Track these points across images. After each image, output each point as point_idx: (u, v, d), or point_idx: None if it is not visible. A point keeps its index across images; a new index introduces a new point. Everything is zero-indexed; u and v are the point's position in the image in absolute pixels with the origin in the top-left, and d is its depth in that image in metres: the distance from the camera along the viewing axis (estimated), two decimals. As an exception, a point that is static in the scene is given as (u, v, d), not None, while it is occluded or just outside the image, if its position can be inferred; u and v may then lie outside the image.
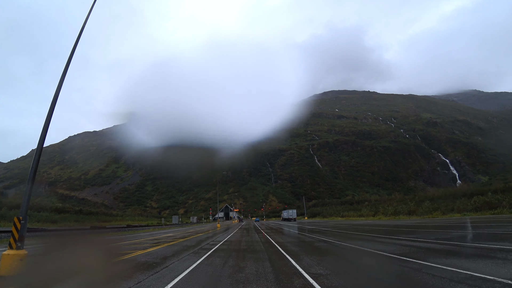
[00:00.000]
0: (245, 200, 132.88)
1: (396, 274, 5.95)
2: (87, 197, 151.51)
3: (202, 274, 6.40)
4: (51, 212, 50.57)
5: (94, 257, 7.08)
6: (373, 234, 17.33)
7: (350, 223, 35.23)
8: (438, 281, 4.94)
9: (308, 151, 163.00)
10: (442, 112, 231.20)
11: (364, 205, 69.71)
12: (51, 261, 6.70)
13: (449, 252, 8.41)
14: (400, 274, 5.89)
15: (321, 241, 14.32)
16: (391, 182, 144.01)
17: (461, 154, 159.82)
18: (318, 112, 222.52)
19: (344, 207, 74.48)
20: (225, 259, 8.60)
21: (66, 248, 7.57)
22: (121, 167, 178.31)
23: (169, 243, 14.84)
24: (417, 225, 23.01)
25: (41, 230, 23.54)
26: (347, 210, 63.33)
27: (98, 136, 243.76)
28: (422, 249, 9.14)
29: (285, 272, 6.36)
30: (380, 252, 8.89)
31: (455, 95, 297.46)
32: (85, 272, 6.01)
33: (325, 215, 68.69)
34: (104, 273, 6.47)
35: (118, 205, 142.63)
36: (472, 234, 13.60)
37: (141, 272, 6.49)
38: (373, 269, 6.85)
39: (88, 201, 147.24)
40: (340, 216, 60.19)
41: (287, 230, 26.33)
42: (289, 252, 9.91)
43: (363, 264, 7.50)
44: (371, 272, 6.59)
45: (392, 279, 5.73)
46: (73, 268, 5.95)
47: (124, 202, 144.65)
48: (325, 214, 69.88)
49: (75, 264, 6.15)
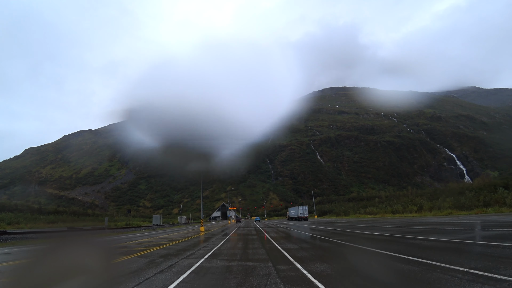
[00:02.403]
0: (244, 198, 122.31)
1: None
2: (77, 197, 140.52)
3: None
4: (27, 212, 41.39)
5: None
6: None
7: (393, 222, 24.90)
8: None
9: (310, 146, 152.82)
10: (443, 108, 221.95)
11: (375, 201, 60.17)
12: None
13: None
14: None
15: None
16: (397, 178, 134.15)
17: (468, 149, 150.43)
18: (318, 108, 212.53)
19: (355, 204, 64.46)
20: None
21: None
22: (115, 165, 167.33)
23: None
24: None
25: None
26: (363, 207, 53.09)
27: (93, 134, 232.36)
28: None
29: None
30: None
31: (454, 92, 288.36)
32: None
33: (338, 213, 58.16)
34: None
35: (109, 204, 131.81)
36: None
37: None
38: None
39: (78, 201, 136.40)
40: (358, 214, 49.84)
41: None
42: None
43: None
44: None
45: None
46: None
47: (116, 201, 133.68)
48: (338, 211, 59.40)
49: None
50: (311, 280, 4.99)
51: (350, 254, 8.39)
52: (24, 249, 11.90)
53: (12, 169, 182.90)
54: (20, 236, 18.39)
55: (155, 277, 5.83)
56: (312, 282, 4.89)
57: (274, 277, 5.37)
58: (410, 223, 20.20)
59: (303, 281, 4.98)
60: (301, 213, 52.37)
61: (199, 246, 12.06)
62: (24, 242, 15.25)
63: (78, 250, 4.30)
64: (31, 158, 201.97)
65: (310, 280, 5.00)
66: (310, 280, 4.99)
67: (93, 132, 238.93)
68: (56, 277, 3.55)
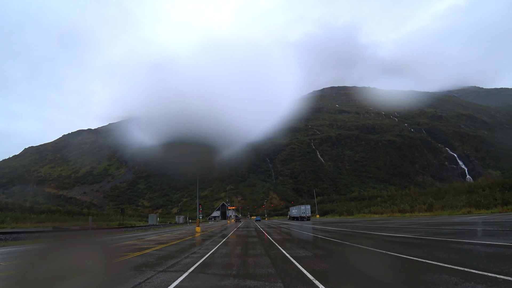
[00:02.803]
0: (244, 198, 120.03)
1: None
2: (75, 196, 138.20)
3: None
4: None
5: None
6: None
7: (408, 221, 22.72)
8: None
9: (310, 145, 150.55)
10: (444, 107, 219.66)
11: (377, 201, 58.09)
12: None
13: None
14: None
15: None
16: (398, 177, 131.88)
17: (469, 148, 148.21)
18: (318, 107, 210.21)
19: (358, 203, 62.28)
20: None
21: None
22: (114, 164, 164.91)
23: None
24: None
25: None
26: (366, 206, 50.83)
27: (92, 134, 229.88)
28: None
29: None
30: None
31: (455, 91, 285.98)
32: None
33: (341, 212, 55.85)
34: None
35: (108, 204, 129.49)
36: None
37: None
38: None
39: (76, 200, 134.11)
40: (363, 213, 47.58)
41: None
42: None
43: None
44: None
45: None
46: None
47: (115, 201, 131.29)
48: (340, 211, 57.11)
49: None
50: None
51: (388, 266, 6.17)
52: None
53: (11, 168, 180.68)
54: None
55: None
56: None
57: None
58: (432, 223, 18.02)
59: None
60: (303, 212, 49.41)
61: (188, 252, 9.88)
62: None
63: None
64: (30, 157, 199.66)
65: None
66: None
67: (92, 132, 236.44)
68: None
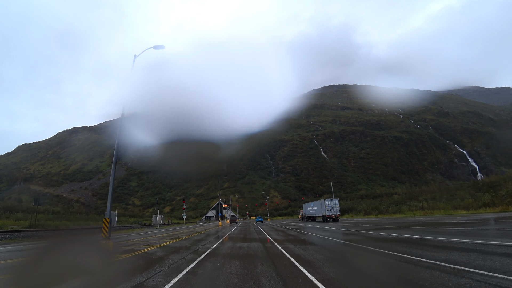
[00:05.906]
0: (242, 196, 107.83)
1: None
2: (62, 194, 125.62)
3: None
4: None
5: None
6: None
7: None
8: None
9: (313, 141, 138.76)
10: (447, 105, 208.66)
11: (393, 199, 46.94)
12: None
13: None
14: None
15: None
16: (407, 175, 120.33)
17: (479, 145, 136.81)
18: (320, 104, 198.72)
19: (377, 201, 50.66)
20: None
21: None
22: (106, 161, 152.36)
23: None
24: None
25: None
26: (394, 204, 38.97)
27: (87, 131, 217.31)
28: None
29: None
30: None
31: (456, 91, 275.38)
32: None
33: (357, 211, 44.16)
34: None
35: (96, 202, 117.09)
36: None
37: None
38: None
39: (62, 198, 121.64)
40: (382, 213, 35.74)
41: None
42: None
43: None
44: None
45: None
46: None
47: (104, 199, 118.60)
48: (359, 209, 45.38)
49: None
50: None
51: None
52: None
53: (1, 165, 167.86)
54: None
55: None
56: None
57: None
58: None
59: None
60: (328, 210, 33.08)
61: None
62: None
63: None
64: (22, 154, 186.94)
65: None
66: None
67: (87, 129, 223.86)
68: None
